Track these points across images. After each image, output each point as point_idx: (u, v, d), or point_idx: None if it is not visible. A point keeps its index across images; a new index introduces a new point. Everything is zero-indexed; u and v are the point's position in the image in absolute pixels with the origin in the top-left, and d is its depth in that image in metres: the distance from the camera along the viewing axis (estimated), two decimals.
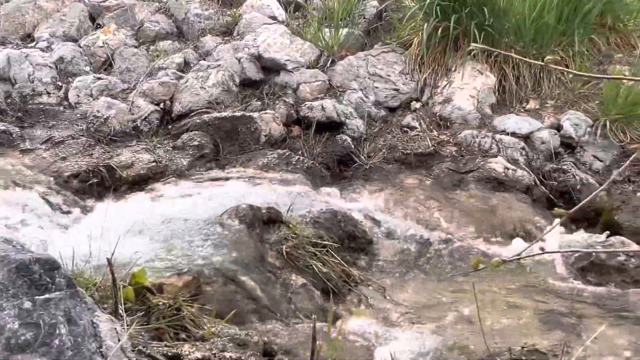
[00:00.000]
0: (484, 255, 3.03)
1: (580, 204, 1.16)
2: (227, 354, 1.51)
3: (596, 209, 3.67)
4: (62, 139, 3.88)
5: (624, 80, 4.11)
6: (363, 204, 3.51)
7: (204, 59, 4.79)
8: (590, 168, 3.95)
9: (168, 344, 1.59)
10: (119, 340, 1.20)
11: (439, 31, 4.61)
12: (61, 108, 4.34)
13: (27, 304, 1.03)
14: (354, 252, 2.93)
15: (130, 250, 2.15)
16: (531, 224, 3.38)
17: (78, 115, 4.24)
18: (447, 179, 3.80)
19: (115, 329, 1.26)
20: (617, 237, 2.87)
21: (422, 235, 3.17)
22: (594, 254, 2.76)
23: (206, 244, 2.43)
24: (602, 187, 3.05)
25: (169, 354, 1.47)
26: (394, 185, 3.75)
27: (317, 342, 1.77)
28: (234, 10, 5.28)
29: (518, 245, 3.08)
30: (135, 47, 4.93)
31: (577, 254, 2.78)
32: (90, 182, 3.46)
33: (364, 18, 5.14)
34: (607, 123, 4.11)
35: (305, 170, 3.74)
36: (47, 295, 1.05)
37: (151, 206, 2.86)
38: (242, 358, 1.51)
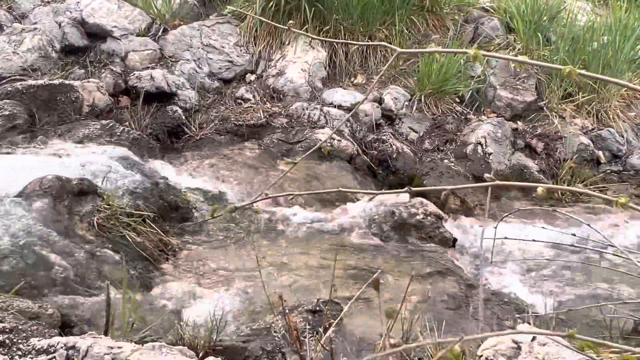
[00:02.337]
0: (307, 219, 3.20)
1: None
2: (1, 325, 1.45)
3: (409, 175, 4.04)
4: None
5: (437, 59, 4.53)
6: (191, 174, 3.50)
7: (19, 22, 4.39)
8: (406, 138, 4.32)
9: None
10: None
11: (273, 5, 4.68)
12: None
13: None
14: (176, 221, 2.92)
15: None
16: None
17: None
18: (276, 149, 3.92)
19: None
20: (418, 198, 3.19)
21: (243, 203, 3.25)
22: (397, 214, 3.06)
23: (5, 217, 2.27)
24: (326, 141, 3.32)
25: None
26: (225, 156, 3.79)
27: (124, 309, 1.77)
28: None
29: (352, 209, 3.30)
30: None
31: (383, 216, 3.06)
32: None
33: None
34: (422, 97, 4.51)
35: (131, 142, 3.63)
36: None
37: None
38: (19, 327, 1.46)
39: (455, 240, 3.07)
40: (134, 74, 4.18)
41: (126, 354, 1.22)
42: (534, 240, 1.79)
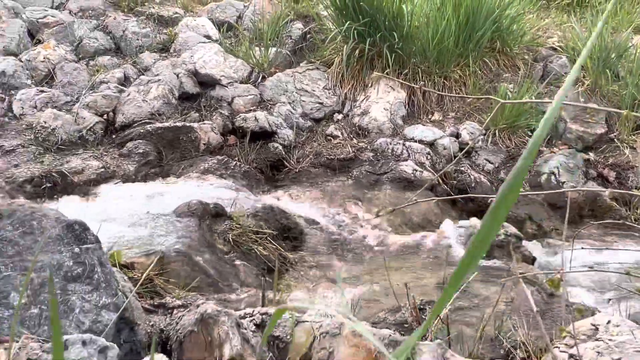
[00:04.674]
0: (395, 240, 3.65)
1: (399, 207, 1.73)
2: (199, 301, 1.97)
3: (487, 203, 4.42)
4: (12, 147, 4.14)
5: (509, 96, 4.94)
6: (294, 201, 4.04)
7: (143, 74, 5.16)
8: (483, 169, 4.71)
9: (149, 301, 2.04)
10: (128, 283, 1.65)
11: (357, 52, 5.26)
12: (6, 119, 4.57)
13: (76, 249, 1.45)
14: (288, 240, 3.44)
15: (104, 237, 2.54)
16: (434, 216, 4.05)
17: (24, 125, 4.49)
18: (365, 180, 4.41)
19: (124, 277, 1.71)
20: None
21: (344, 226, 3.75)
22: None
23: (165, 232, 2.86)
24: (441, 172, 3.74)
25: (156, 303, 1.92)
26: (320, 186, 4.32)
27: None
28: (170, 29, 5.69)
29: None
30: (76, 62, 5.22)
31: (467, 235, 3.47)
32: (44, 186, 3.76)
33: (291, 38, 5.72)
34: (496, 132, 4.91)
35: (242, 174, 4.22)
36: (86, 245, 1.49)
37: (113, 204, 3.24)
38: (212, 303, 1.98)
39: (534, 258, 3.42)
40: (240, 116, 4.82)
41: (303, 318, 1.71)
42: (607, 248, 2.15)
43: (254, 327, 1.64)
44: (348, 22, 5.18)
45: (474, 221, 3.61)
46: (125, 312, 1.50)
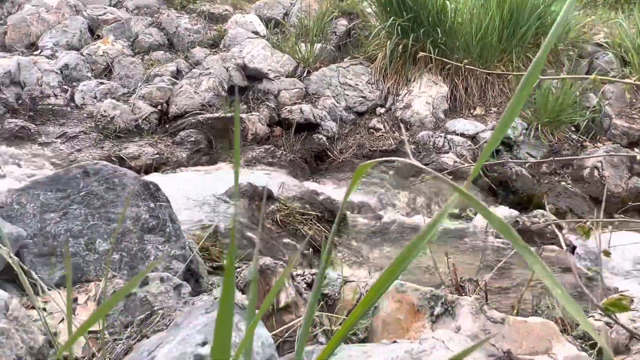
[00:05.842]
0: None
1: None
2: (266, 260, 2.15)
3: (529, 195, 4.46)
4: (75, 134, 4.43)
5: (552, 91, 4.96)
6: (338, 188, 4.18)
7: (195, 68, 5.41)
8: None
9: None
10: (192, 241, 1.83)
11: (400, 47, 5.37)
12: (68, 109, 4.88)
13: (152, 205, 1.64)
14: (332, 223, 3.59)
15: None
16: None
17: (85, 115, 4.79)
18: (406, 171, 4.52)
19: (187, 235, 1.90)
20: (539, 210, 3.63)
21: (386, 212, 3.87)
22: (520, 223, 3.53)
23: (219, 209, 3.06)
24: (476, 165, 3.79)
25: (214, 265, 2.10)
26: (363, 175, 4.45)
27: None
28: (220, 25, 5.93)
29: None
30: (132, 57, 5.52)
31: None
32: None
33: (335, 35, 5.87)
34: (539, 126, 4.93)
35: (288, 163, 4.40)
36: (159, 203, 1.67)
37: (171, 185, 3.46)
38: (269, 258, 2.16)
39: (574, 247, 3.45)
40: (286, 108, 5.00)
41: (350, 278, 1.85)
42: None
43: (305, 285, 1.79)
44: (392, 18, 5.29)
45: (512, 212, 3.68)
46: (192, 264, 1.68)
